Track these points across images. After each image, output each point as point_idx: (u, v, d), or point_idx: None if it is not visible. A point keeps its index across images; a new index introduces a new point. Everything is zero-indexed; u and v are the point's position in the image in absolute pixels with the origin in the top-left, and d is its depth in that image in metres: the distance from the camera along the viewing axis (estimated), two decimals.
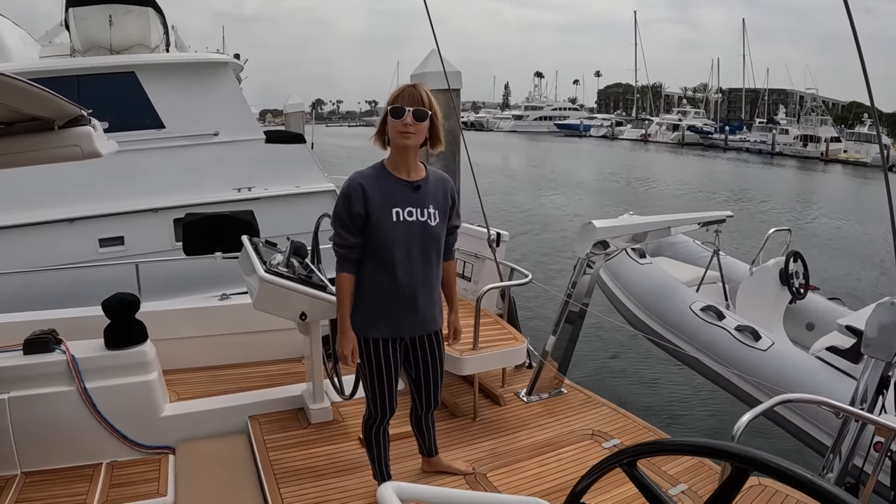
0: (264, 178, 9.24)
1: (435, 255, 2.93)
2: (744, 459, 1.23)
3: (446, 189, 2.98)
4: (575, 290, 4.62)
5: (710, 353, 5.43)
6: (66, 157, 2.67)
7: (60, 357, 3.68)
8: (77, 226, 7.95)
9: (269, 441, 3.84)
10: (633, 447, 1.49)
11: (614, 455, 1.50)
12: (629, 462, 1.48)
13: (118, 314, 3.80)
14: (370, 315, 2.89)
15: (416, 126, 2.74)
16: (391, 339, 2.92)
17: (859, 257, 16.16)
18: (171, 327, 4.76)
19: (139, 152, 8.27)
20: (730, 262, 7.16)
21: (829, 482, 1.14)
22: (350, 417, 4.13)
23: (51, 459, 3.67)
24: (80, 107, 2.54)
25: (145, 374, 3.84)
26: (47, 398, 3.63)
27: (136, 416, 3.82)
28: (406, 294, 2.85)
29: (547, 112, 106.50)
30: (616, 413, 4.34)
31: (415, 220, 2.82)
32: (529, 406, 4.45)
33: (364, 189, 2.78)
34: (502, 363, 4.39)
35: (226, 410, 4.11)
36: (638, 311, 6.39)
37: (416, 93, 2.76)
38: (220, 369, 4.92)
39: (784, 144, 59.80)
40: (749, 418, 2.45)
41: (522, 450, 3.85)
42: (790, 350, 5.24)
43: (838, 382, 4.70)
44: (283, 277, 3.59)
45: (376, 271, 2.84)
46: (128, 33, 8.84)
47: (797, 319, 6.50)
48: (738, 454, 1.24)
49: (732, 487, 1.28)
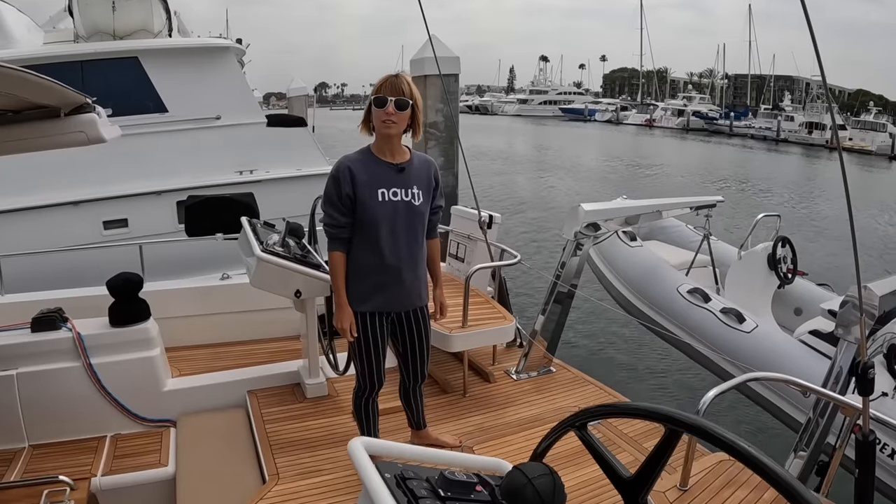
0: (266, 161, 9.35)
1: (420, 233, 3.10)
2: (673, 421, 1.40)
3: (430, 171, 3.14)
4: (563, 272, 4.76)
5: (696, 335, 5.56)
6: (71, 143, 2.82)
7: (67, 334, 3.83)
8: (81, 209, 8.08)
9: (266, 414, 4.01)
10: (583, 411, 1.65)
11: (568, 418, 1.66)
12: (581, 425, 1.64)
13: (122, 293, 3.96)
14: (358, 290, 3.05)
15: (397, 115, 2.89)
16: (378, 313, 3.09)
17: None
18: (173, 306, 4.91)
19: (143, 136, 8.36)
20: (721, 247, 7.27)
21: (742, 440, 1.29)
22: (344, 393, 4.29)
23: (57, 432, 3.82)
24: (84, 95, 2.68)
25: (148, 351, 4.00)
26: (54, 374, 3.79)
27: (139, 390, 3.98)
28: (392, 270, 3.01)
29: (552, 96, 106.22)
30: (602, 391, 4.49)
31: (399, 199, 2.97)
32: (518, 384, 4.60)
33: (351, 171, 2.94)
34: (491, 341, 4.54)
35: (225, 385, 4.27)
36: (627, 292, 6.53)
37: (398, 83, 2.91)
38: (220, 346, 5.08)
39: (789, 131, 59.45)
40: (715, 394, 2.59)
41: (509, 425, 4.00)
42: (773, 332, 5.37)
43: (817, 364, 4.81)
44: (279, 256, 3.76)
45: (364, 249, 3.00)
46: (131, 19, 8.91)
47: (786, 304, 6.63)
48: (669, 416, 1.41)
49: (666, 446, 1.45)
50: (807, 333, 5.18)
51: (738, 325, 5.35)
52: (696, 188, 26.92)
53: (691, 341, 5.54)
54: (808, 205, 23.71)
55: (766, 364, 4.93)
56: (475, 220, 4.94)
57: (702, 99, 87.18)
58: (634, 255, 6.81)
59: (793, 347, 5.12)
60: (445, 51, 8.65)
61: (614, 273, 6.83)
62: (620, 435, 3.92)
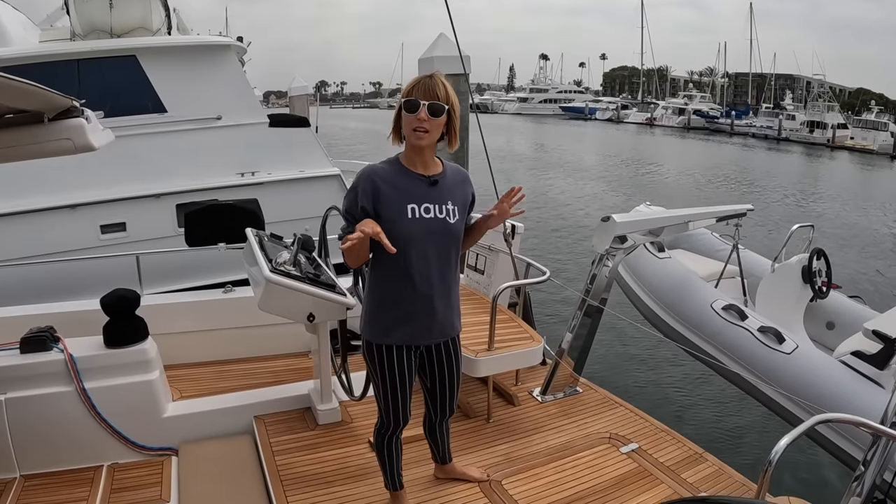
0: (268, 162, 9.11)
1: (455, 257, 2.74)
2: None
3: (465, 184, 2.78)
4: (593, 287, 4.46)
5: (732, 355, 5.24)
6: (56, 152, 2.51)
7: (58, 356, 3.53)
8: (78, 212, 7.85)
9: (275, 444, 3.70)
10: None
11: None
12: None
13: (118, 311, 3.65)
14: (383, 321, 2.70)
15: (431, 122, 2.51)
16: (406, 346, 2.73)
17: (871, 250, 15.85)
18: (173, 321, 4.62)
19: (141, 137, 8.20)
20: (749, 257, 6.93)
21: None
22: (359, 418, 3.99)
23: (50, 462, 3.55)
24: (71, 97, 2.38)
25: (146, 374, 3.70)
26: (45, 399, 3.50)
27: (137, 416, 3.69)
28: (422, 298, 2.65)
29: (552, 95, 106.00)
30: (633, 414, 4.19)
31: (433, 216, 2.61)
32: (544, 406, 4.30)
33: (374, 184, 2.57)
34: (518, 364, 4.23)
35: (230, 410, 3.96)
36: (656, 307, 6.20)
37: (433, 84, 2.53)
38: (224, 364, 4.78)
39: (790, 130, 59.22)
40: (786, 443, 2.30)
41: (538, 454, 3.71)
42: (815, 354, 5.04)
43: (864, 390, 4.53)
44: (290, 277, 3.42)
45: (389, 273, 2.64)
46: (129, 16, 8.69)
47: (817, 318, 6.30)
48: None
49: None
50: (849, 355, 4.86)
51: (777, 345, 5.03)
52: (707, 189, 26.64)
53: (727, 362, 5.22)
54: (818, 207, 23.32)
55: (807, 388, 4.64)
56: (498, 231, 4.64)
57: (702, 98, 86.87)
58: (664, 267, 6.47)
59: (835, 369, 4.79)
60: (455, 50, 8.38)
61: (642, 286, 6.50)
62: (656, 464, 3.63)
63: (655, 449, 3.78)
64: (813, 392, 4.60)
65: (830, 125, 55.08)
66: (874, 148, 49.25)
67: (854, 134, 54.14)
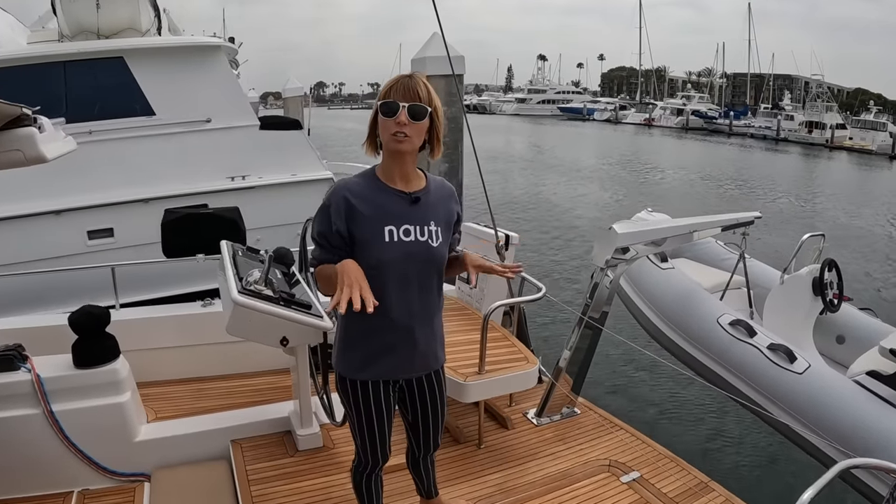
0: (259, 166, 8.93)
1: (437, 283, 2.46)
2: None
3: (450, 201, 2.49)
4: (593, 301, 4.23)
5: (739, 374, 4.99)
6: (5, 164, 2.29)
7: (25, 377, 3.31)
8: (64, 218, 7.68)
9: (251, 472, 3.48)
10: None
11: None
12: None
13: (86, 329, 3.42)
14: (358, 355, 2.44)
15: (411, 126, 2.23)
16: (383, 381, 2.47)
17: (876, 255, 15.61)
18: (148, 337, 4.41)
19: (128, 140, 8.06)
20: (755, 267, 6.67)
21: None
22: (341, 443, 3.77)
23: (16, 488, 3.34)
24: (19, 105, 2.17)
25: (117, 396, 3.47)
26: (11, 422, 3.28)
27: (108, 440, 3.47)
28: (402, 329, 2.39)
29: (550, 95, 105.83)
30: (634, 439, 3.97)
31: (412, 239, 2.33)
32: (540, 430, 4.08)
33: (349, 202, 2.29)
34: (511, 388, 3.98)
35: (206, 434, 3.73)
36: (659, 322, 5.93)
37: (413, 84, 2.25)
38: (202, 382, 4.57)
39: (789, 131, 59.12)
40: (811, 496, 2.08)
41: (534, 484, 3.49)
42: (827, 374, 4.79)
43: (881, 413, 4.29)
44: (261, 298, 3.15)
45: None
46: (116, 17, 8.50)
47: (826, 331, 6.04)
48: None
49: None
50: (864, 375, 4.62)
51: (788, 364, 4.77)
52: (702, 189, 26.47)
53: (735, 381, 4.98)
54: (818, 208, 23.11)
55: (821, 411, 4.40)
56: (491, 242, 4.42)
57: (701, 98, 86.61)
58: (667, 278, 6.20)
59: (849, 390, 4.53)
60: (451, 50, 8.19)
61: (643, 299, 6.24)
62: (659, 495, 3.42)
63: (658, 478, 3.57)
64: (826, 415, 4.37)
65: (829, 125, 54.98)
66: (873, 148, 49.14)
67: (853, 134, 54.03)
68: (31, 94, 7.43)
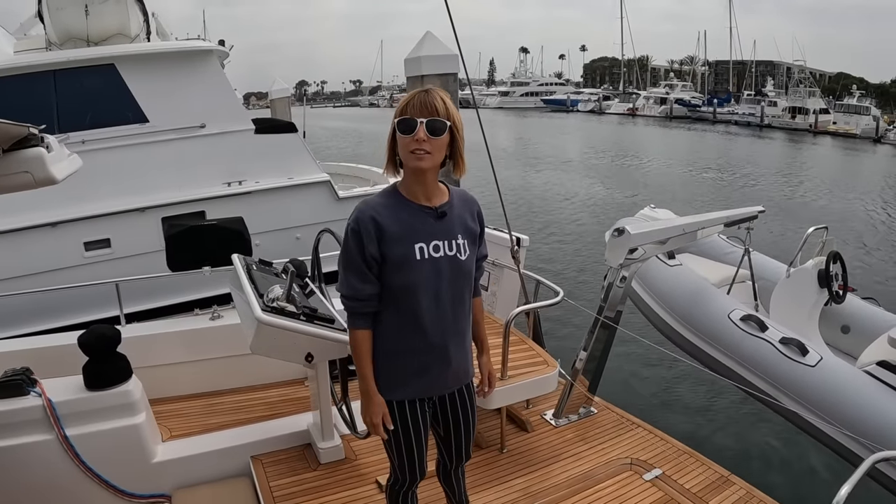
0: (255, 170, 8.75)
1: (468, 297, 2.43)
2: None
3: (473, 212, 2.45)
4: (608, 301, 4.20)
5: (753, 368, 5.01)
6: (14, 188, 2.23)
7: (36, 401, 3.24)
8: (60, 230, 7.52)
9: (275, 488, 3.43)
10: None
11: None
12: None
13: (97, 351, 3.35)
14: (393, 375, 2.40)
15: (431, 142, 2.18)
16: (419, 399, 2.45)
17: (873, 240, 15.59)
18: (158, 353, 4.35)
19: (122, 149, 7.87)
20: (759, 260, 6.67)
21: None
22: (363, 454, 3.74)
23: None
24: (27, 125, 2.08)
25: (132, 417, 3.42)
26: (25, 449, 3.22)
27: (126, 463, 3.42)
28: (436, 347, 2.35)
29: (533, 88, 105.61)
30: (653, 436, 3.96)
31: (442, 255, 2.29)
32: (560, 431, 4.06)
33: (377, 223, 2.23)
34: (533, 393, 3.94)
35: (225, 451, 3.69)
36: (670, 319, 5.92)
37: (429, 100, 2.19)
38: (215, 396, 4.51)
39: (773, 117, 59.35)
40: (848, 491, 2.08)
41: (559, 487, 3.48)
42: (839, 366, 4.80)
43: (890, 399, 4.33)
44: (285, 315, 3.10)
45: (398, 323, 2.33)
46: (106, 23, 8.34)
47: (831, 322, 6.08)
48: None
49: None
50: (874, 365, 4.64)
51: (800, 357, 4.79)
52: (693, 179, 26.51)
53: (748, 375, 4.98)
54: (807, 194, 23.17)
55: (835, 403, 4.43)
56: (500, 244, 4.38)
57: (684, 86, 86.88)
58: (675, 275, 6.20)
59: (861, 382, 4.56)
60: (443, 49, 8.14)
61: (654, 296, 6.23)
62: (682, 491, 3.41)
63: (680, 474, 3.57)
64: (840, 406, 4.39)
65: (812, 110, 55.26)
66: (857, 132, 49.43)
67: (836, 119, 54.30)
68: (21, 106, 7.30)
